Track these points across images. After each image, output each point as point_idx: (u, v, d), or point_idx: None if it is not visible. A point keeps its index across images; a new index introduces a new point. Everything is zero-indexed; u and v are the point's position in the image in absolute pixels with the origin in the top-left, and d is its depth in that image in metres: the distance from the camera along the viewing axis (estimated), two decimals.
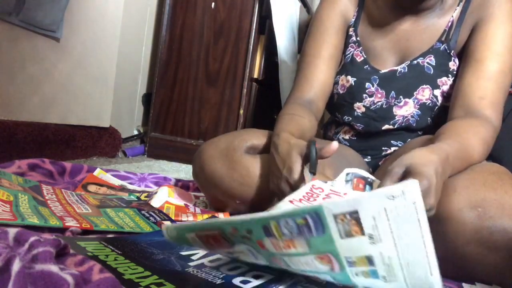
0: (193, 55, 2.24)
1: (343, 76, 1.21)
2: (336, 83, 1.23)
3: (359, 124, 1.19)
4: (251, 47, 2.16)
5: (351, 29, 1.23)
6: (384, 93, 1.15)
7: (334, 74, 1.23)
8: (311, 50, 1.22)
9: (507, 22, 1.03)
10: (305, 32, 1.36)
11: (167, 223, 0.67)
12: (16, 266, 0.52)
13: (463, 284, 0.81)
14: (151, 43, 2.44)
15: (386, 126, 1.15)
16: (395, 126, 1.15)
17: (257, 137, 1.09)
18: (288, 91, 1.30)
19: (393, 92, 1.14)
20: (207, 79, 2.24)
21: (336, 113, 1.25)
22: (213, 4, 2.21)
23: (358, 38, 1.22)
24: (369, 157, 1.21)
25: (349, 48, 1.22)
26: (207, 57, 2.23)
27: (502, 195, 0.77)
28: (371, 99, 1.16)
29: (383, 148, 1.18)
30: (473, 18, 1.08)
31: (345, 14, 1.24)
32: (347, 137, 1.24)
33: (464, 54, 1.08)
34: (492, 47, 1.02)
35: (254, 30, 2.16)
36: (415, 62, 1.13)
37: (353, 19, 1.24)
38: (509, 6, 1.04)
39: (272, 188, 0.94)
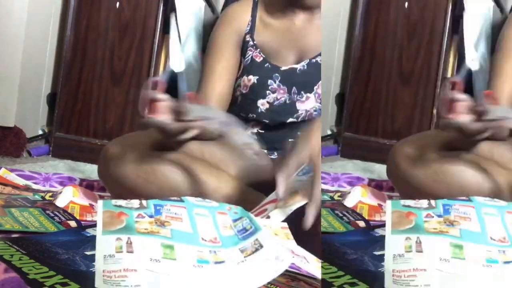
0: (98, 55, 2.22)
1: (244, 77, 1.26)
2: (238, 85, 1.27)
3: (264, 120, 1.25)
4: (155, 46, 2.17)
5: (247, 36, 1.28)
6: (286, 89, 1.22)
7: (230, 85, 1.28)
8: (206, 65, 1.30)
9: None
10: (209, 32, 1.41)
11: None
12: None
13: None
14: (55, 42, 2.38)
15: (290, 119, 1.23)
16: (299, 120, 1.23)
17: None
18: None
19: (294, 88, 1.22)
20: (112, 79, 2.23)
21: (240, 113, 1.27)
22: (117, 3, 2.19)
23: (255, 42, 1.27)
24: (275, 153, 1.26)
25: (248, 52, 1.27)
26: (112, 57, 2.22)
27: None
28: (274, 95, 1.23)
29: (290, 141, 1.22)
30: None
31: (237, 30, 1.29)
32: (255, 130, 1.28)
33: None
34: None
35: (159, 30, 2.17)
36: (313, 60, 1.22)
37: (248, 27, 1.29)
38: None
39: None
